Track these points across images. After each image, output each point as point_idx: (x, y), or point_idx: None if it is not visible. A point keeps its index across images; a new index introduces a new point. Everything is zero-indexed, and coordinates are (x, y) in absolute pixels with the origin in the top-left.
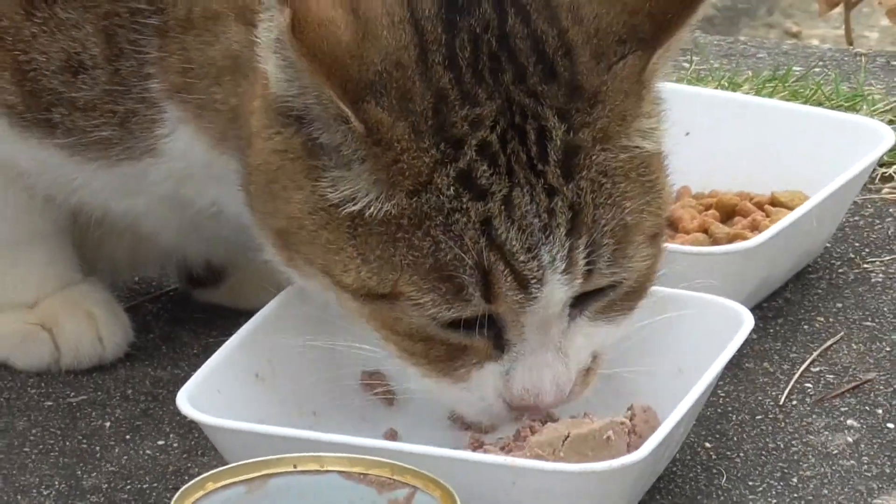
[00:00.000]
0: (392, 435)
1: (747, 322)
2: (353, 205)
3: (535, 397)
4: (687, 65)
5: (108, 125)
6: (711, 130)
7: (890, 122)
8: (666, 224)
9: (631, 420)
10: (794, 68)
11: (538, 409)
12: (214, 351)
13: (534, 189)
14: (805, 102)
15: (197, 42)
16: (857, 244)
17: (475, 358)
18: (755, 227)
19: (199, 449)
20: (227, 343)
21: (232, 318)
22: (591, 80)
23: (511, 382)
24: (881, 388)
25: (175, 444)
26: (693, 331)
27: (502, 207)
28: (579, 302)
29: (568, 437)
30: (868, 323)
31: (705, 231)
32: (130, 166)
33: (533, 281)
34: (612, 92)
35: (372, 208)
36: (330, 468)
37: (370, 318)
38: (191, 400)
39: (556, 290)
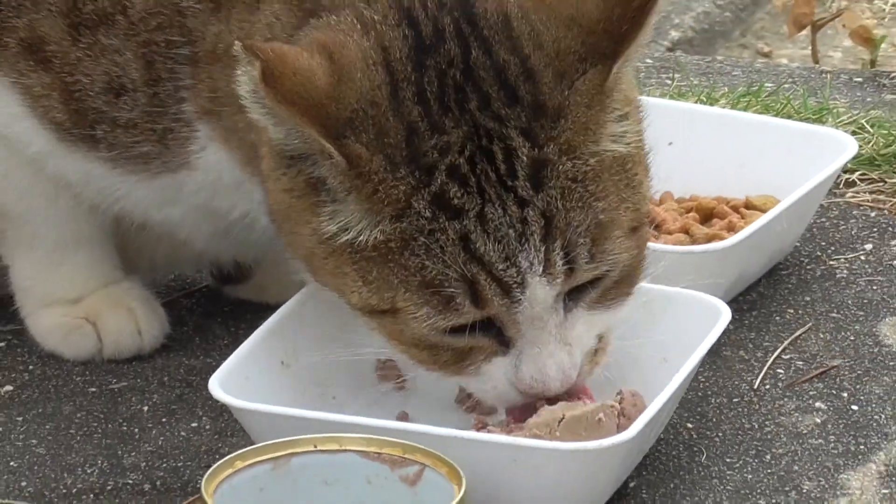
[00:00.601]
0: (404, 417)
1: (725, 315)
2: (347, 234)
3: (542, 385)
4: (669, 82)
5: (148, 141)
6: (692, 141)
7: (853, 133)
8: (648, 217)
9: (620, 403)
10: (766, 84)
11: (547, 395)
12: (243, 341)
13: (505, 203)
14: (776, 115)
15: (222, 74)
16: (823, 243)
17: (482, 355)
18: (731, 228)
19: (228, 430)
20: (254, 334)
21: (259, 312)
22: (554, 98)
23: (519, 373)
24: (846, 373)
25: (207, 427)
26: (676, 323)
27: (477, 223)
28: (573, 295)
29: (563, 418)
30: (834, 314)
31: (686, 232)
32: (168, 178)
33: (514, 286)
34: (574, 106)
35: (363, 236)
36: (348, 447)
37: (379, 331)
38: (222, 385)
39: (539, 290)
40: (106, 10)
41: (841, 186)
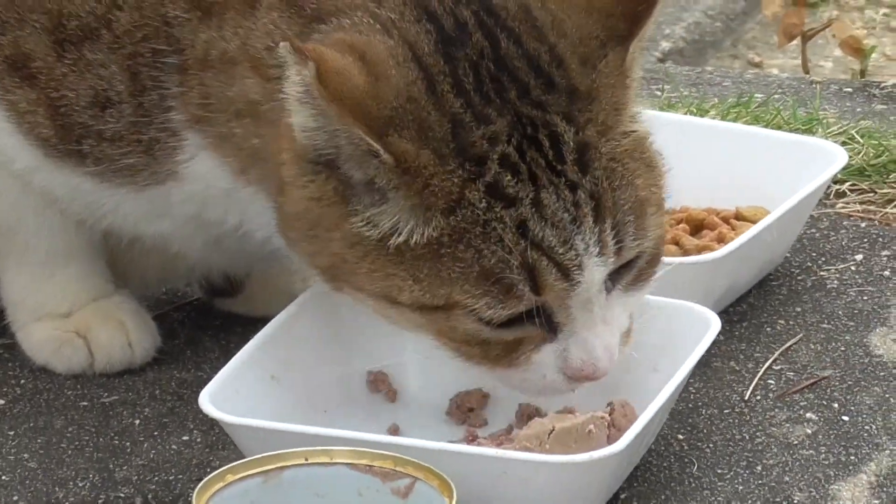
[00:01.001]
0: (395, 430)
1: (715, 325)
2: (399, 236)
3: (592, 367)
4: (659, 93)
5: (134, 153)
6: (681, 152)
7: (843, 144)
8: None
9: (611, 414)
10: (756, 95)
11: (595, 376)
12: (234, 355)
13: (557, 188)
14: (766, 126)
15: (215, 80)
16: (813, 254)
17: (531, 344)
18: (722, 240)
19: (220, 444)
20: (244, 348)
21: (249, 325)
22: (584, 82)
23: (569, 358)
24: (836, 384)
25: (198, 440)
26: (666, 333)
27: (533, 210)
28: (612, 277)
29: (553, 430)
30: (824, 325)
31: (677, 243)
32: (156, 190)
33: (574, 268)
34: (603, 87)
35: (415, 235)
36: (338, 460)
37: (428, 329)
38: (212, 400)
39: (595, 271)
40: (90, 25)
41: (831, 197)
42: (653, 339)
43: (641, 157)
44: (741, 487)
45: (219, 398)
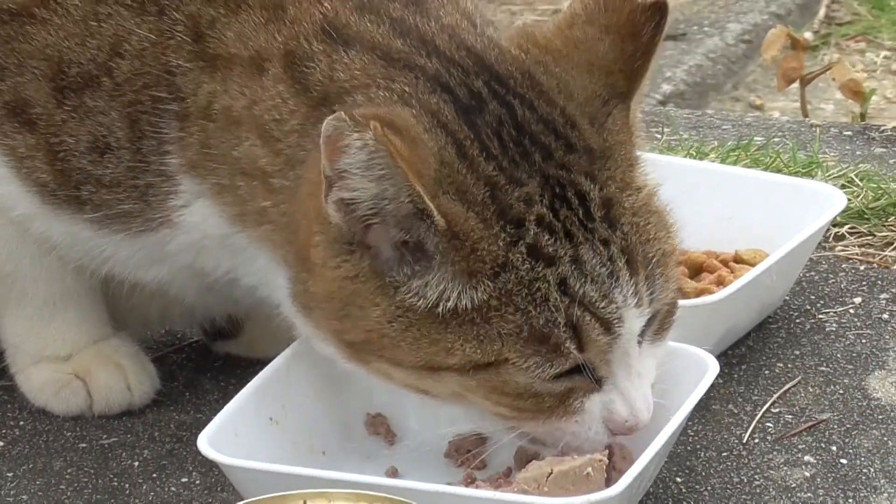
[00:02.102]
0: (393, 472)
1: (713, 368)
2: (447, 303)
3: (636, 418)
4: (659, 136)
5: (130, 199)
6: (681, 195)
7: (842, 187)
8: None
9: (609, 457)
10: (756, 138)
11: (638, 428)
12: (233, 397)
13: (593, 244)
14: (766, 169)
15: (217, 133)
16: (812, 297)
17: (581, 392)
18: (721, 282)
19: (219, 486)
20: (243, 390)
21: (248, 367)
22: (598, 141)
23: (615, 411)
24: (835, 427)
25: (197, 482)
26: (664, 376)
27: (573, 267)
28: (642, 330)
29: (551, 473)
30: (823, 368)
31: None
32: (150, 237)
33: (615, 321)
34: (616, 145)
35: (464, 300)
36: (337, 503)
37: (478, 389)
38: (211, 442)
39: (634, 323)
40: (91, 72)
41: (830, 240)
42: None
43: (657, 210)
44: None
45: (217, 440)
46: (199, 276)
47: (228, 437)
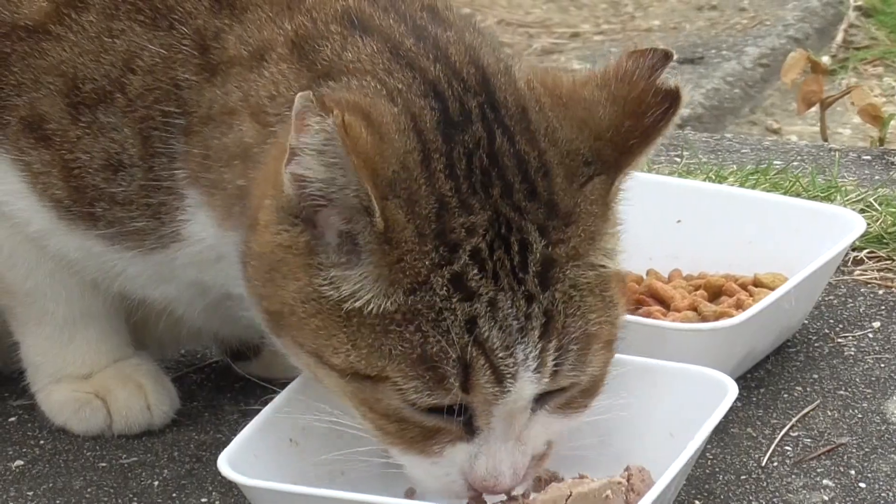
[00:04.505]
0: (412, 493)
1: (732, 391)
2: (355, 302)
3: (494, 480)
4: (678, 159)
5: (143, 216)
6: (700, 219)
7: (861, 211)
8: (618, 334)
9: (628, 480)
10: (775, 162)
11: (496, 491)
12: (252, 417)
13: (515, 294)
14: (784, 193)
15: (214, 132)
16: (831, 321)
17: (448, 437)
18: (740, 306)
19: None
20: (263, 411)
21: (268, 388)
22: (566, 201)
23: (475, 466)
24: (854, 451)
25: (217, 502)
26: (684, 399)
27: (487, 308)
28: (541, 398)
29: (570, 496)
30: (842, 392)
31: (695, 309)
32: (161, 254)
33: (508, 376)
34: (583, 213)
35: (371, 304)
36: None
37: (351, 396)
38: (230, 463)
39: (527, 385)
40: (105, 88)
41: (849, 264)
42: (670, 405)
43: (602, 293)
44: None
45: (237, 461)
46: (203, 294)
47: (248, 458)
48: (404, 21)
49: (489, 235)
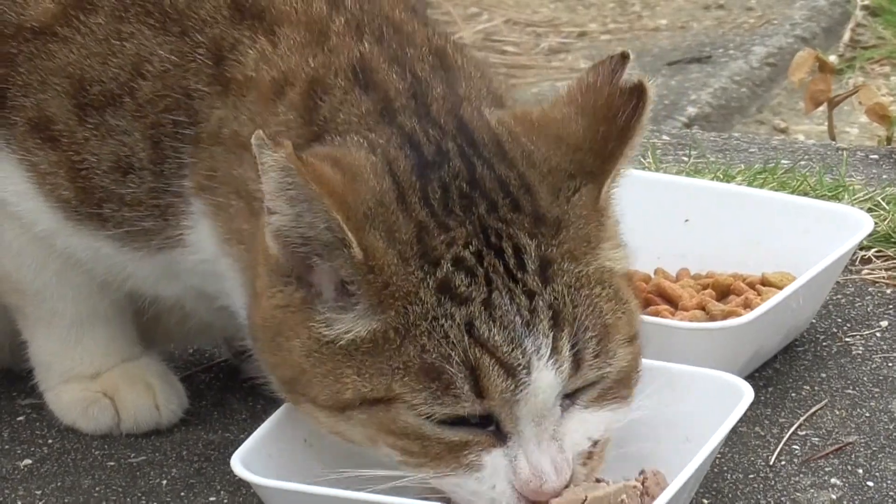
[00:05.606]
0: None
1: (747, 395)
2: (348, 335)
3: (541, 480)
4: (686, 159)
5: (151, 217)
6: (708, 218)
7: (869, 210)
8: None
9: (643, 484)
10: (783, 161)
11: (546, 493)
12: (262, 416)
13: (513, 293)
14: (792, 193)
15: (223, 156)
16: (839, 320)
17: (480, 447)
18: (748, 305)
19: None
20: (277, 412)
21: None
22: (553, 211)
23: (518, 468)
24: (862, 450)
25: (225, 501)
26: (700, 403)
27: (482, 309)
28: (572, 394)
29: (586, 499)
30: (849, 391)
31: (703, 308)
32: (168, 255)
33: (520, 368)
34: (573, 219)
35: (365, 332)
36: None
37: (368, 423)
38: (244, 462)
39: (545, 375)
40: (113, 91)
41: (857, 263)
42: (685, 408)
43: (609, 287)
44: None
45: (250, 461)
46: (207, 299)
47: (261, 457)
48: (404, 75)
49: (474, 245)
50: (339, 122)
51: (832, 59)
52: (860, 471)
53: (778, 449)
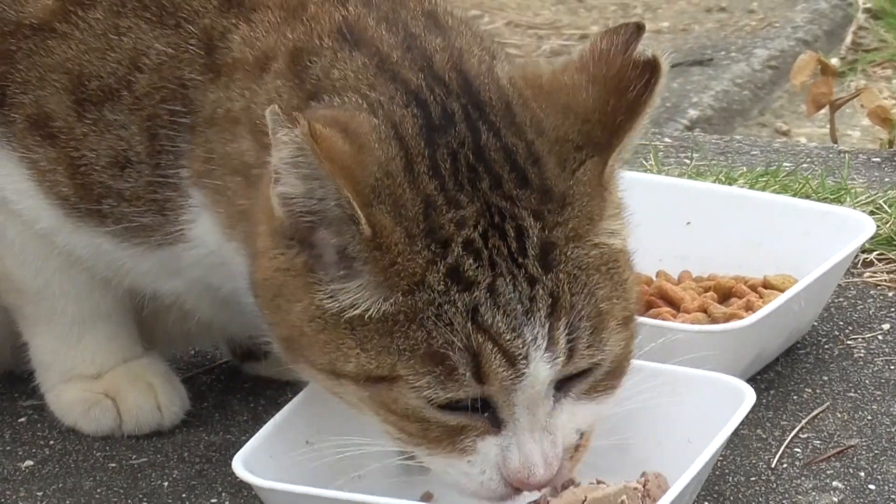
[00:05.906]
0: (428, 497)
1: (749, 398)
2: (354, 310)
3: (529, 472)
4: (688, 161)
5: (150, 212)
6: (710, 220)
7: (871, 213)
8: (636, 313)
9: (644, 485)
10: (785, 164)
11: (532, 484)
12: (263, 418)
13: (515, 279)
14: (794, 195)
15: (218, 136)
16: (841, 323)
17: (475, 432)
18: (749, 308)
19: None
20: (278, 413)
21: (278, 389)
22: (559, 185)
23: (508, 458)
24: (863, 452)
25: (226, 503)
26: (703, 406)
27: (487, 295)
28: (564, 384)
29: (585, 500)
30: (851, 394)
31: (705, 311)
32: (168, 250)
33: (519, 357)
34: (578, 195)
35: (372, 309)
36: None
37: (370, 401)
38: (245, 464)
39: (541, 366)
40: (111, 85)
41: (859, 266)
42: (687, 410)
43: (609, 271)
44: None
45: (252, 462)
46: (211, 289)
47: (263, 459)
48: (396, 31)
49: (481, 226)
50: (333, 79)
51: (834, 61)
52: (862, 474)
53: (780, 452)
